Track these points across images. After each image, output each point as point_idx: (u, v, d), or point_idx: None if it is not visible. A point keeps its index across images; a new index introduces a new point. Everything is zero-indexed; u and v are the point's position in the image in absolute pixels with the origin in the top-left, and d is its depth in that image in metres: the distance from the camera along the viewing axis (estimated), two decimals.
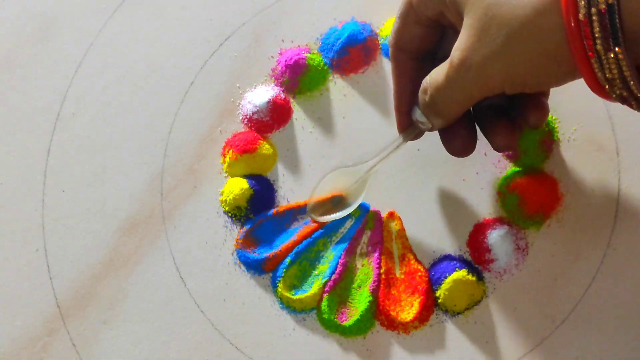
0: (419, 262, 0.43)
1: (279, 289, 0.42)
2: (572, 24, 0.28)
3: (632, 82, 0.28)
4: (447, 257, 0.43)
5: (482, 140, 0.44)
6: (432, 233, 0.43)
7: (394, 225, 0.44)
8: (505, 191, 0.43)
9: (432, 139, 0.40)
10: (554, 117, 0.44)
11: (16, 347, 0.42)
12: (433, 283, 0.42)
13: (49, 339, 0.43)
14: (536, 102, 0.35)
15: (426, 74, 0.36)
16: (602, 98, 0.30)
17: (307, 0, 0.47)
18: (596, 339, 0.41)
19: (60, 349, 0.42)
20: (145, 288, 0.43)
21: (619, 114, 0.44)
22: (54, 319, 0.43)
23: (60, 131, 0.46)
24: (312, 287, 0.42)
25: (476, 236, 0.43)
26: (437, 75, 0.33)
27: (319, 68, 0.46)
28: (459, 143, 0.37)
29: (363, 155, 0.42)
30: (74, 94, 0.46)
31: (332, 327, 0.42)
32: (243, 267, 0.43)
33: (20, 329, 0.43)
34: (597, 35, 0.27)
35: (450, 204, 0.44)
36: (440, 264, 0.43)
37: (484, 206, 0.44)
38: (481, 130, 0.37)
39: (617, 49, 0.27)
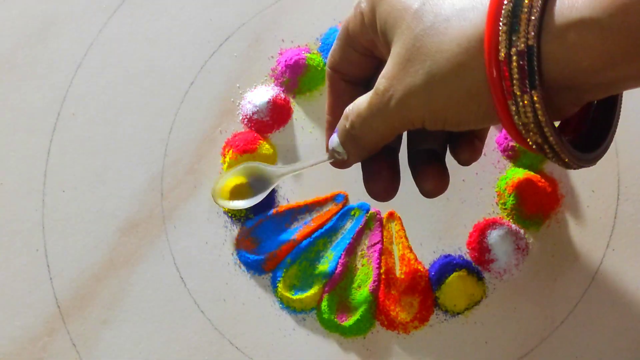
0: (419, 262, 0.43)
1: (279, 289, 0.42)
2: (493, 65, 0.27)
3: (546, 128, 0.27)
4: (447, 257, 0.43)
5: None
6: (432, 233, 0.44)
7: (394, 225, 0.44)
8: (505, 191, 0.43)
9: None
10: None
11: (16, 347, 0.42)
12: (433, 283, 0.42)
13: (49, 339, 0.43)
14: (469, 142, 0.35)
15: (354, 92, 0.35)
16: (521, 145, 0.29)
17: (307, 0, 0.47)
18: (596, 339, 0.41)
19: (60, 349, 0.42)
20: (145, 288, 0.43)
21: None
22: (54, 319, 0.43)
23: (60, 131, 0.46)
24: (312, 287, 0.42)
25: (476, 236, 0.43)
26: (360, 102, 0.33)
27: (319, 68, 0.46)
28: (380, 185, 0.36)
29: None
30: (74, 94, 0.46)
31: (332, 327, 0.42)
32: (243, 267, 0.43)
33: (20, 329, 0.43)
34: (514, 76, 0.27)
35: (450, 204, 0.44)
36: (440, 264, 0.43)
37: (484, 206, 0.44)
38: (412, 174, 0.37)
39: (533, 92, 0.27)
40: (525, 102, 0.27)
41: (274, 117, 0.45)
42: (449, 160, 0.40)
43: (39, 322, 0.43)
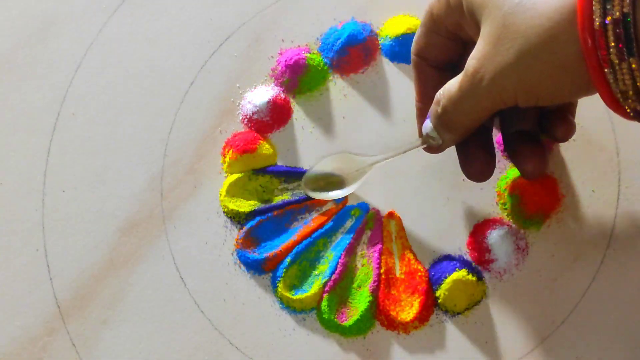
0: (419, 262, 0.43)
1: (279, 289, 0.42)
2: (587, 34, 0.27)
3: None
4: (447, 257, 0.43)
5: None
6: (432, 233, 0.43)
7: (394, 225, 0.44)
8: (505, 191, 0.43)
9: None
10: None
11: (16, 347, 0.42)
12: (433, 283, 0.42)
13: (49, 339, 0.43)
14: (562, 117, 0.35)
15: (441, 78, 0.35)
16: (618, 114, 0.29)
17: (307, 0, 0.47)
18: (596, 339, 0.41)
19: (60, 349, 0.42)
20: (145, 288, 0.43)
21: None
22: (54, 319, 0.43)
23: (60, 131, 0.46)
24: (312, 287, 0.42)
25: (476, 236, 0.43)
26: (450, 86, 0.33)
27: (319, 68, 0.46)
28: (477, 167, 0.37)
29: (371, 149, 0.42)
30: (74, 94, 0.46)
31: (332, 327, 0.42)
32: (243, 267, 0.43)
33: (20, 329, 0.43)
34: (611, 45, 0.27)
35: (450, 204, 0.44)
36: (440, 264, 0.43)
37: (484, 206, 0.44)
38: (510, 157, 0.37)
39: (631, 59, 0.27)
40: (624, 70, 0.27)
41: (274, 117, 0.45)
42: (449, 160, 0.40)
43: (39, 322, 0.43)
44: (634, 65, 0.27)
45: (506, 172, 0.44)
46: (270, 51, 0.47)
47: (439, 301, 0.42)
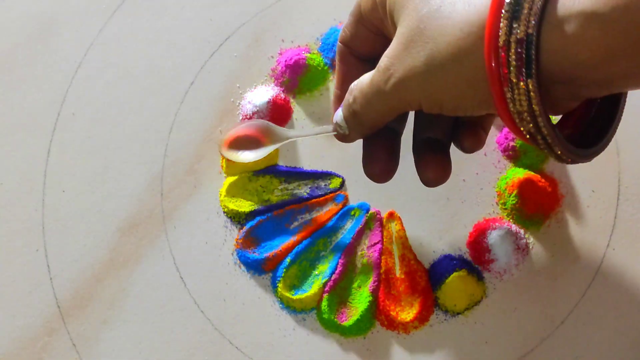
0: (419, 262, 0.43)
1: (279, 289, 0.42)
2: (492, 51, 0.27)
3: (539, 118, 0.28)
4: (447, 257, 0.43)
5: None
6: (432, 233, 0.44)
7: (394, 225, 0.44)
8: (505, 191, 0.43)
9: None
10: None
11: (16, 347, 0.42)
12: (433, 283, 0.42)
13: (49, 339, 0.43)
14: (472, 130, 0.35)
15: (362, 67, 0.36)
16: (516, 135, 0.29)
17: (307, 0, 0.47)
18: (596, 339, 0.41)
19: (60, 349, 0.42)
20: (145, 288, 0.43)
21: None
22: (54, 319, 0.43)
23: (60, 131, 0.46)
24: (312, 287, 0.42)
25: (476, 236, 0.43)
26: (364, 79, 0.33)
27: (319, 68, 0.46)
28: (376, 167, 0.37)
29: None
30: (74, 94, 0.46)
31: (332, 327, 0.42)
32: (243, 267, 0.43)
33: (20, 329, 0.43)
34: (512, 64, 0.27)
35: (450, 204, 0.44)
36: (440, 264, 0.43)
37: (484, 206, 0.44)
38: (415, 162, 0.37)
39: (528, 80, 0.27)
40: (521, 89, 0.27)
41: (274, 117, 0.45)
42: (453, 159, 0.40)
43: (39, 322, 0.43)
44: (530, 87, 0.27)
45: (506, 172, 0.44)
46: (270, 51, 0.47)
47: (439, 301, 0.42)
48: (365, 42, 0.36)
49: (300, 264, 0.43)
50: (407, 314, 0.42)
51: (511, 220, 0.43)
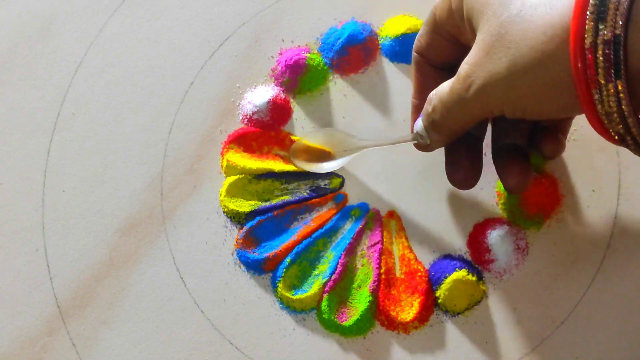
0: (419, 262, 0.43)
1: (279, 289, 0.42)
2: (578, 53, 0.27)
3: (629, 119, 0.27)
4: (447, 257, 0.43)
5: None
6: (432, 233, 0.43)
7: (394, 225, 0.44)
8: (505, 191, 0.43)
9: None
10: None
11: (16, 347, 0.42)
12: (433, 283, 0.42)
13: (49, 339, 0.43)
14: (552, 134, 0.35)
15: (439, 77, 0.36)
16: (604, 138, 0.29)
17: (307, 0, 0.47)
18: (596, 339, 0.41)
19: (60, 349, 0.42)
20: (145, 288, 0.43)
21: None
22: (54, 319, 0.43)
23: (60, 131, 0.46)
24: (312, 287, 0.42)
25: (476, 236, 0.43)
26: (443, 87, 0.33)
27: (319, 68, 0.46)
28: (461, 174, 0.37)
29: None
30: (74, 93, 0.46)
31: (332, 327, 0.42)
32: (243, 267, 0.43)
33: (20, 329, 0.43)
34: (600, 65, 0.27)
35: (450, 204, 0.44)
36: (440, 264, 0.43)
37: (484, 206, 0.44)
38: (496, 168, 0.37)
39: (618, 81, 0.27)
40: (610, 91, 0.27)
41: (274, 117, 0.45)
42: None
43: (39, 322, 0.43)
44: (620, 87, 0.27)
45: None
46: (270, 51, 0.47)
47: (439, 301, 0.42)
48: (440, 50, 0.36)
49: (300, 264, 0.43)
50: (407, 314, 0.42)
51: (511, 220, 0.43)
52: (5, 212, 0.45)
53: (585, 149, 0.44)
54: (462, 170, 0.37)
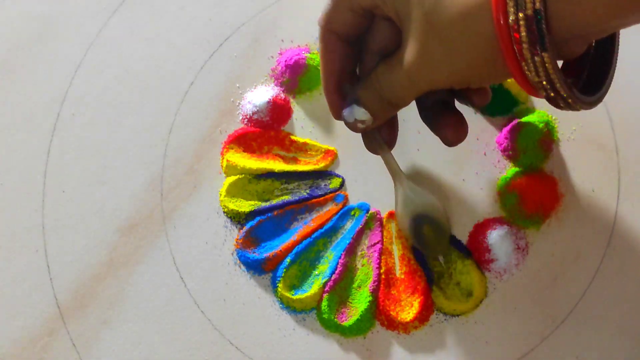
0: (419, 262, 0.43)
1: (279, 289, 0.42)
2: (502, 30, 0.29)
3: (557, 84, 0.29)
4: None
5: (482, 141, 0.45)
6: None
7: (394, 225, 0.44)
8: (505, 191, 0.43)
9: (432, 139, 0.40)
10: (553, 117, 0.44)
11: (16, 347, 0.42)
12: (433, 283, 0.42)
13: (49, 339, 0.43)
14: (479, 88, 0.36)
15: (354, 58, 0.37)
16: (534, 96, 0.31)
17: (307, 0, 0.47)
18: (596, 339, 0.41)
19: (60, 349, 0.42)
20: (145, 288, 0.43)
21: (618, 114, 0.44)
22: (54, 319, 0.43)
23: (60, 131, 0.46)
24: (312, 287, 0.42)
25: (476, 236, 0.43)
26: (388, 69, 0.34)
27: (319, 68, 0.45)
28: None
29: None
30: (74, 94, 0.46)
31: (332, 327, 0.42)
32: (243, 267, 0.43)
33: (20, 329, 0.43)
34: (524, 40, 0.28)
35: (450, 204, 0.44)
36: None
37: (484, 206, 0.44)
38: (430, 127, 0.38)
39: (543, 54, 0.28)
40: (537, 63, 0.29)
41: (274, 117, 0.45)
42: (449, 160, 0.40)
43: (39, 323, 0.43)
44: (546, 59, 0.28)
45: (506, 171, 0.44)
46: (270, 51, 0.47)
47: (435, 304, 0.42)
48: (350, 24, 0.36)
49: (300, 264, 0.43)
50: (407, 314, 0.42)
51: (511, 220, 0.43)
52: (5, 212, 0.45)
53: (585, 149, 0.44)
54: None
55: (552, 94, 0.30)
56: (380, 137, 0.39)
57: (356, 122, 0.36)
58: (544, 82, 0.29)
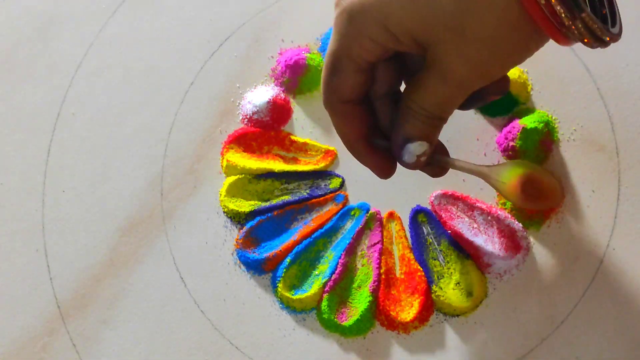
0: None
1: (279, 289, 0.42)
2: (536, 12, 0.29)
3: (599, 32, 0.30)
4: None
5: (482, 142, 0.44)
6: None
7: (394, 225, 0.44)
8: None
9: None
10: (553, 118, 0.44)
11: (16, 347, 0.42)
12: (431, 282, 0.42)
13: (49, 339, 0.43)
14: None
15: (368, 112, 0.35)
16: (562, 44, 0.31)
17: (307, 0, 0.47)
18: (596, 339, 0.41)
19: (60, 349, 0.42)
20: (145, 288, 0.43)
21: (619, 114, 0.44)
22: (54, 319, 0.43)
23: (60, 131, 0.46)
24: (312, 287, 0.42)
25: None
26: (428, 94, 0.33)
27: (319, 68, 0.46)
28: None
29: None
30: (74, 94, 0.46)
31: (332, 327, 0.42)
32: (243, 267, 0.43)
33: (20, 329, 0.43)
34: (562, 15, 0.29)
35: None
36: None
37: None
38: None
39: (583, 15, 0.29)
40: (579, 27, 0.29)
41: (274, 117, 0.45)
42: (451, 169, 0.40)
43: (39, 322, 0.43)
44: (587, 18, 0.29)
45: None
46: (270, 51, 0.47)
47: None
48: (359, 84, 0.34)
49: (300, 264, 0.43)
50: (407, 314, 0.42)
51: (511, 220, 0.43)
52: (5, 212, 0.45)
53: (585, 149, 0.44)
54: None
55: (588, 40, 0.30)
56: (440, 155, 0.37)
57: (419, 159, 0.34)
58: (589, 37, 0.30)
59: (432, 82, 0.33)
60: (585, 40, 0.30)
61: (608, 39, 0.31)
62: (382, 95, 0.35)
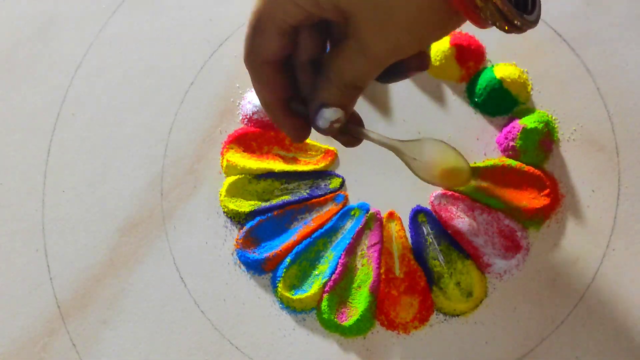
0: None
1: (279, 289, 0.42)
2: (456, 4, 0.30)
3: (510, 17, 0.30)
4: None
5: (482, 141, 0.45)
6: None
7: (394, 225, 0.44)
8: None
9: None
10: (553, 118, 0.44)
11: (16, 347, 0.42)
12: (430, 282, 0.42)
13: (49, 339, 0.43)
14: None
15: (289, 77, 0.36)
16: (480, 27, 0.32)
17: None
18: (596, 339, 0.41)
19: (60, 349, 0.42)
20: (145, 288, 0.43)
21: (619, 114, 0.44)
22: (54, 319, 0.43)
23: (60, 131, 0.46)
24: (312, 287, 0.42)
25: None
26: (354, 66, 0.34)
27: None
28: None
29: (371, 149, 0.42)
30: (74, 94, 0.46)
31: (332, 327, 0.42)
32: (243, 267, 0.43)
33: (20, 329, 0.43)
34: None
35: None
36: None
37: None
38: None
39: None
40: (492, 8, 0.30)
41: None
42: None
43: (39, 322, 0.43)
44: (497, 2, 0.30)
45: None
46: None
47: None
48: (281, 47, 0.35)
49: (300, 264, 0.43)
50: (407, 314, 0.42)
51: (511, 220, 0.43)
52: (5, 212, 0.45)
53: (585, 149, 0.44)
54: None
55: (505, 26, 0.31)
56: (354, 125, 0.38)
57: (332, 125, 0.36)
58: (498, 19, 0.30)
59: (351, 52, 0.33)
60: (498, 24, 0.31)
61: (520, 23, 0.31)
62: (305, 62, 0.35)
